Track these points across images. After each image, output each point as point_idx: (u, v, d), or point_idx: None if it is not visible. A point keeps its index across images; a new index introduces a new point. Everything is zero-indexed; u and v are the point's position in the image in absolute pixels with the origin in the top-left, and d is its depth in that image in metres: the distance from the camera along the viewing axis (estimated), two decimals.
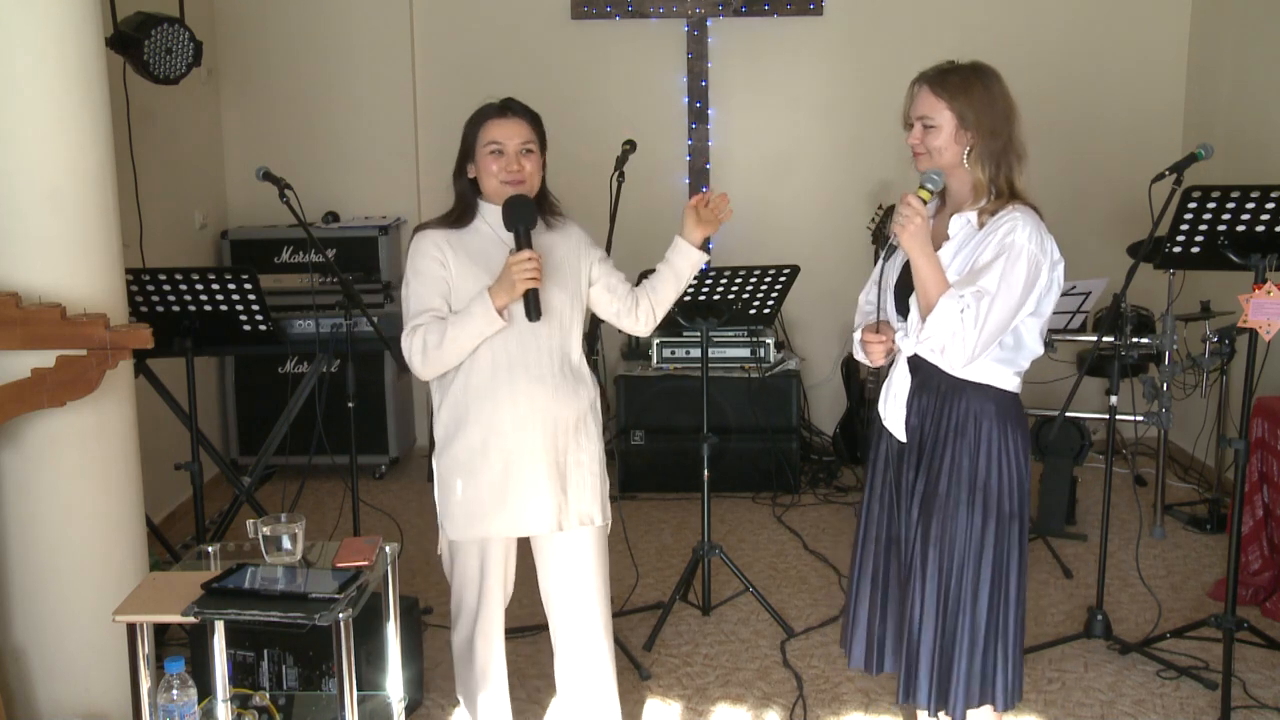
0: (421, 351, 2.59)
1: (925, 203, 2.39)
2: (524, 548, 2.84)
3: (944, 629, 2.48)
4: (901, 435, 2.52)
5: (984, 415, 2.45)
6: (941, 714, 2.67)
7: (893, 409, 2.54)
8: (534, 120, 2.72)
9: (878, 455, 2.61)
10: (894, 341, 2.54)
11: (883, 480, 2.58)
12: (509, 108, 2.70)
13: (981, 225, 2.43)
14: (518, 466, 2.66)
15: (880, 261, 2.65)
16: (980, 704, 2.50)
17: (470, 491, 2.68)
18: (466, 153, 2.71)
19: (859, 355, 2.64)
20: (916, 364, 2.50)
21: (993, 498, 2.46)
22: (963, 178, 2.48)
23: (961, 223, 2.46)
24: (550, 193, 2.79)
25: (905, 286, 2.50)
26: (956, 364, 2.40)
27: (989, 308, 2.34)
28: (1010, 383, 2.49)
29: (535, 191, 2.70)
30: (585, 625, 2.82)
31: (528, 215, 2.59)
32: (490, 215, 2.70)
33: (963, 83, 2.44)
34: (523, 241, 2.56)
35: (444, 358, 2.61)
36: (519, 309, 2.59)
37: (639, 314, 2.85)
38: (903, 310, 2.51)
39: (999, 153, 2.44)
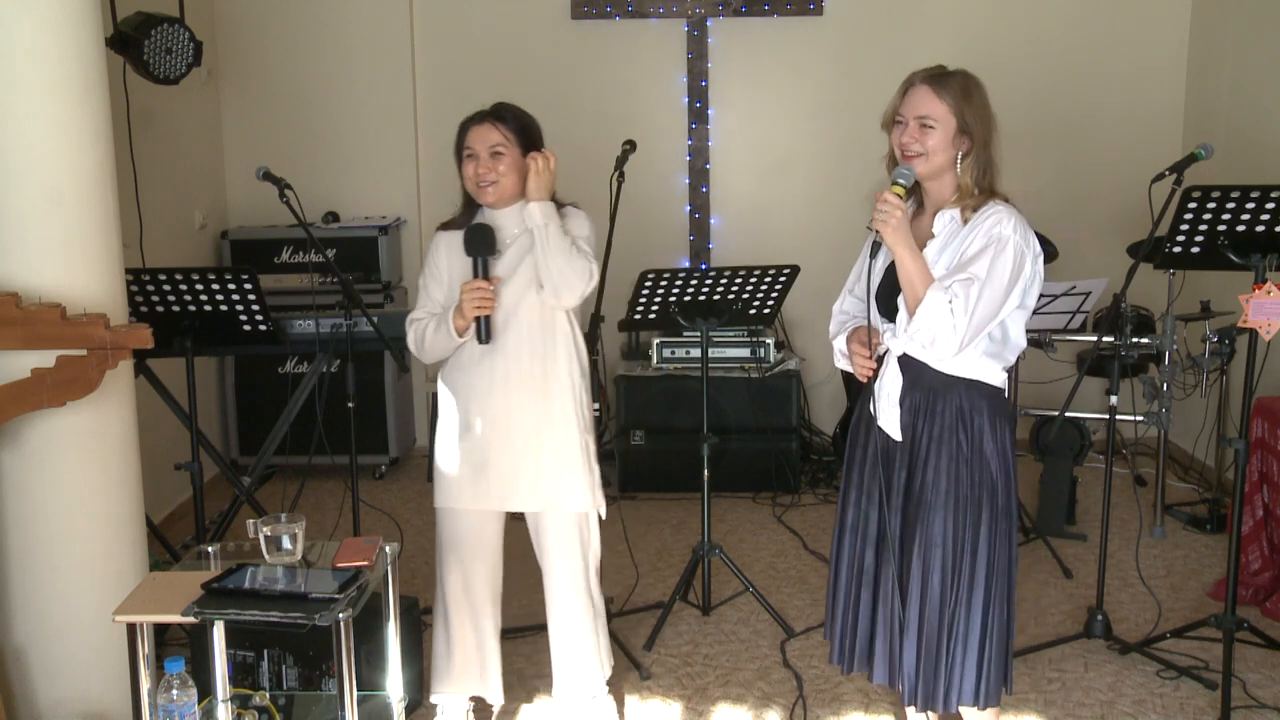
0: (413, 346, 2.98)
1: (901, 198, 2.41)
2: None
3: (942, 626, 2.49)
4: (897, 434, 2.53)
5: (976, 412, 2.48)
6: (930, 714, 2.67)
7: (885, 408, 2.54)
8: (509, 121, 2.85)
9: (865, 454, 2.61)
10: (880, 347, 2.55)
11: (871, 477, 2.59)
12: (483, 113, 2.88)
13: (966, 221, 2.46)
14: (486, 448, 2.90)
15: (858, 265, 2.68)
16: (972, 702, 2.52)
17: (446, 464, 2.97)
18: (458, 160, 2.92)
19: (842, 365, 2.66)
20: (906, 362, 2.51)
21: (989, 494, 2.48)
22: (948, 182, 2.51)
23: (946, 219, 2.49)
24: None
25: (888, 290, 2.51)
26: (946, 354, 2.41)
27: (978, 295, 2.35)
28: (999, 378, 2.52)
29: (510, 191, 2.86)
30: (562, 607, 3.02)
31: (485, 244, 2.82)
32: (485, 217, 2.92)
33: (963, 87, 2.47)
34: (479, 270, 2.80)
35: (430, 355, 2.96)
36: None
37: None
38: (886, 313, 2.52)
39: (986, 160, 2.49)
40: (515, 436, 2.90)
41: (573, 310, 2.95)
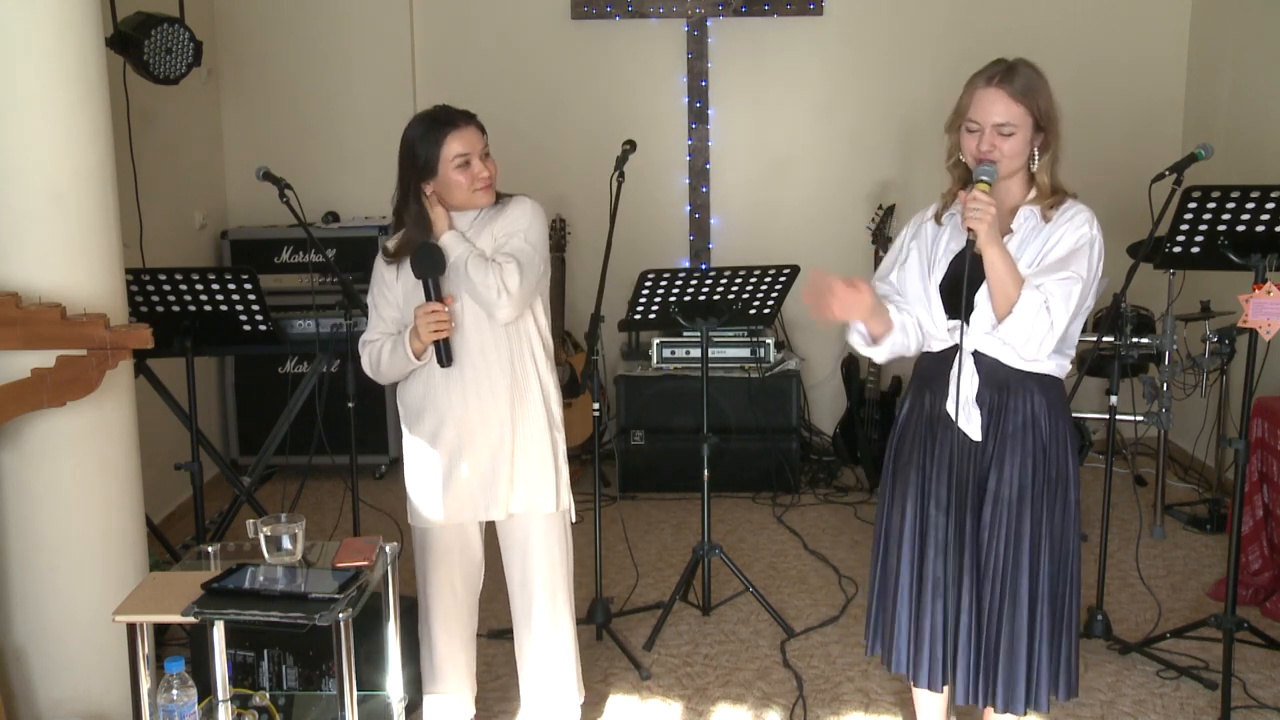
0: (369, 369, 2.86)
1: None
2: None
3: (1030, 624, 2.47)
4: (978, 435, 2.48)
5: (1051, 407, 2.48)
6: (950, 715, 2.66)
7: (966, 409, 2.47)
8: (479, 123, 2.78)
9: (930, 458, 2.55)
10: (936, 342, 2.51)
11: (940, 482, 2.52)
12: (460, 117, 2.74)
13: (1047, 219, 2.43)
14: (461, 460, 2.80)
15: (891, 256, 2.63)
16: (1058, 695, 2.52)
17: (419, 483, 2.86)
18: (426, 170, 2.73)
19: (854, 341, 2.63)
20: (978, 360, 2.47)
21: (1063, 486, 2.49)
22: (1022, 179, 2.47)
23: (1025, 215, 2.45)
24: None
25: (955, 285, 2.42)
26: (1041, 353, 2.40)
27: (1078, 294, 2.35)
28: (1064, 371, 2.52)
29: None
30: (536, 610, 2.93)
31: (433, 265, 2.68)
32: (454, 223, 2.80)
33: (1030, 83, 2.42)
34: (432, 291, 2.68)
35: (387, 377, 2.85)
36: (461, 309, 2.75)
37: None
38: (952, 309, 2.46)
39: (1057, 150, 2.46)
40: (490, 445, 2.79)
41: (540, 304, 2.84)
